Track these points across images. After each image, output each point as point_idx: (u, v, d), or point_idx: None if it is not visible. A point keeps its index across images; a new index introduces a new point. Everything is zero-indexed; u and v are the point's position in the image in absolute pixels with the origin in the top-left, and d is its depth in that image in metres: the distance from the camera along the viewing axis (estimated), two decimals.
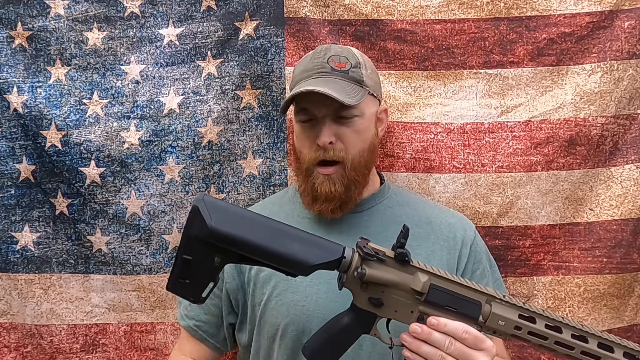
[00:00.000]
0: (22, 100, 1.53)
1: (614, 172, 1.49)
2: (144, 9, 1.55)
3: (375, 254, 0.97)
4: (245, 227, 0.95)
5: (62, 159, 1.53)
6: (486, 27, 1.50)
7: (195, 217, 0.95)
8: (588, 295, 1.50)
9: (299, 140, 1.28)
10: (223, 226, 0.94)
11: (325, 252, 0.98)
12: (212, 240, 0.94)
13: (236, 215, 0.97)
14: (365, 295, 0.99)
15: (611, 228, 1.49)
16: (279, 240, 0.96)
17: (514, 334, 0.98)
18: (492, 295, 0.99)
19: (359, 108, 1.22)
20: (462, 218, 1.35)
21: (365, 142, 1.24)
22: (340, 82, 1.21)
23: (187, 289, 0.98)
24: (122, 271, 1.56)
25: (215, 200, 0.99)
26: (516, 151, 1.49)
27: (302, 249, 0.96)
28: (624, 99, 1.47)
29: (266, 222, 0.99)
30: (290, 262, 0.96)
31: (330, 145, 1.20)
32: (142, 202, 1.55)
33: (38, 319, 1.58)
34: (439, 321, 0.96)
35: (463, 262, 1.27)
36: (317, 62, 1.24)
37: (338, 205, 1.23)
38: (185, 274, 0.97)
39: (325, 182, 1.21)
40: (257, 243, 0.95)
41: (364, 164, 1.25)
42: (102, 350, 1.60)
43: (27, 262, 1.57)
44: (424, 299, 0.98)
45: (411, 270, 0.99)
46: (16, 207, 1.56)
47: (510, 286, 1.52)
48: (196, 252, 0.96)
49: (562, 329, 0.98)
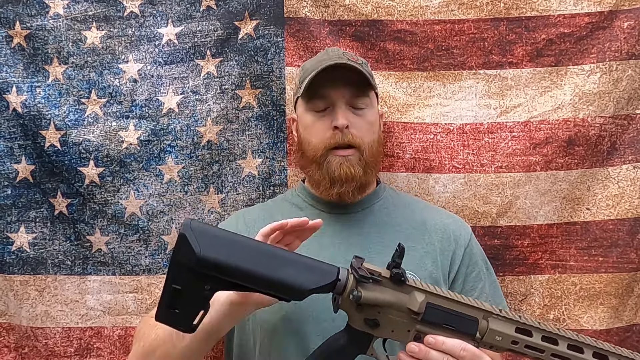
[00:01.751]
0: (21, 100, 1.52)
1: (612, 172, 1.50)
2: (143, 9, 1.55)
3: (371, 276, 0.96)
4: (235, 253, 0.92)
5: (61, 158, 1.51)
6: (485, 27, 1.51)
7: (183, 245, 0.91)
8: (584, 293, 1.51)
9: (309, 131, 1.28)
10: (212, 253, 0.91)
11: (319, 276, 0.96)
12: (202, 269, 0.91)
13: (225, 240, 0.94)
14: (361, 316, 0.97)
15: (607, 228, 1.50)
16: (271, 265, 0.94)
17: (510, 348, 0.99)
18: (488, 311, 0.99)
19: (370, 99, 1.27)
20: (458, 220, 1.36)
21: (375, 134, 1.29)
22: (358, 70, 1.25)
23: (178, 318, 0.95)
24: (121, 271, 1.55)
25: (203, 225, 0.96)
26: (515, 151, 1.50)
27: (295, 273, 0.94)
28: (622, 100, 1.48)
29: (257, 247, 0.97)
30: (284, 288, 0.94)
31: (347, 130, 1.22)
32: (141, 202, 1.54)
33: (33, 321, 1.56)
34: (436, 339, 0.96)
35: (456, 264, 1.27)
36: (333, 54, 1.29)
37: (357, 187, 1.24)
38: (175, 303, 0.93)
39: (344, 164, 1.23)
40: (248, 270, 0.92)
41: (376, 154, 1.28)
42: (96, 354, 1.57)
43: (23, 264, 1.55)
44: (421, 318, 0.97)
45: (407, 289, 0.98)
46: (12, 207, 1.54)
47: (508, 285, 1.53)
48: (185, 281, 0.92)
49: (558, 340, 0.99)
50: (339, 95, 1.24)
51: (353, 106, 1.25)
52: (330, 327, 1.04)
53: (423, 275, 1.21)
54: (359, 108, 1.25)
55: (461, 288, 1.26)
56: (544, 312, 1.51)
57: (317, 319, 1.16)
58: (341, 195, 1.24)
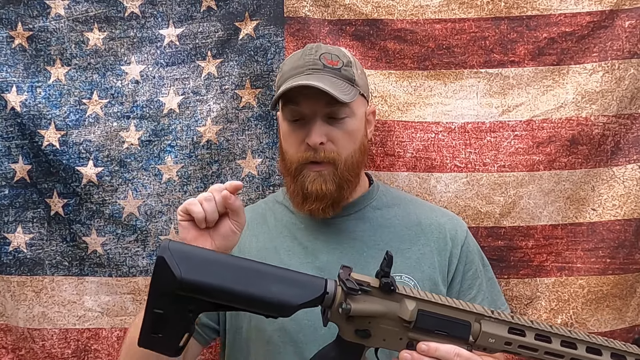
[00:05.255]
0: (21, 100, 1.52)
1: (616, 171, 1.48)
2: (144, 9, 1.55)
3: (359, 287, 0.94)
4: (217, 273, 0.90)
5: (58, 158, 1.51)
6: (487, 26, 1.50)
7: (162, 268, 0.88)
8: (592, 296, 1.47)
9: (285, 140, 1.23)
10: (193, 275, 0.88)
11: (306, 290, 0.93)
12: (183, 292, 0.89)
13: (206, 261, 0.91)
14: (352, 327, 0.96)
15: (614, 228, 1.47)
16: (255, 283, 0.91)
17: (504, 349, 0.98)
18: (480, 314, 0.98)
19: (351, 108, 1.19)
20: (453, 217, 1.33)
21: (356, 143, 1.21)
22: (333, 80, 1.17)
23: (162, 343, 0.92)
24: (118, 273, 1.53)
25: (182, 246, 0.93)
26: (518, 150, 1.48)
27: (281, 289, 0.92)
28: (625, 99, 1.47)
29: (239, 264, 0.94)
30: (270, 305, 0.92)
31: (321, 146, 1.16)
32: (139, 202, 1.52)
33: (30, 323, 1.54)
34: (429, 346, 0.94)
35: (454, 263, 1.24)
36: (309, 59, 1.20)
37: (329, 204, 1.18)
38: (158, 328, 0.91)
39: (317, 180, 1.17)
40: (231, 289, 0.90)
41: (355, 165, 1.21)
42: (94, 356, 1.56)
43: (20, 264, 1.54)
44: (413, 326, 0.95)
45: (397, 297, 0.96)
46: (9, 207, 1.54)
47: (513, 288, 1.50)
48: (167, 305, 0.90)
49: (551, 338, 0.98)
50: (314, 109, 1.16)
51: (332, 116, 1.17)
52: (327, 334, 1.02)
53: (420, 277, 1.19)
54: (339, 118, 1.18)
55: (459, 287, 1.24)
56: (551, 317, 1.48)
57: (313, 327, 1.14)
58: (312, 212, 1.19)
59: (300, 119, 1.19)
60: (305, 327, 1.15)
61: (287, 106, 1.20)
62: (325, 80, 1.15)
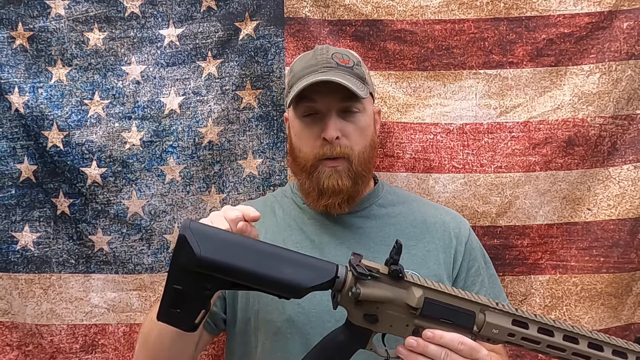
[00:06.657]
0: (24, 101, 1.53)
1: (612, 172, 1.50)
2: (144, 9, 1.55)
3: (369, 272, 0.97)
4: (234, 253, 0.94)
5: (63, 159, 1.53)
6: (486, 27, 1.51)
7: (183, 246, 0.93)
8: (585, 294, 1.51)
9: (299, 138, 1.26)
10: (212, 254, 0.92)
11: (318, 274, 0.97)
12: (202, 269, 0.93)
13: (225, 241, 0.95)
14: (360, 312, 0.99)
15: (609, 228, 1.50)
16: (270, 264, 0.95)
17: (507, 341, 1.00)
18: (485, 305, 1.00)
19: (363, 104, 1.23)
20: (457, 216, 1.36)
21: (367, 139, 1.25)
22: (347, 77, 1.21)
23: (179, 318, 0.97)
24: (124, 270, 1.56)
25: (202, 226, 0.96)
26: (515, 151, 1.50)
27: (294, 271, 0.95)
28: (622, 100, 1.48)
29: (256, 246, 0.98)
30: (283, 286, 0.95)
31: (337, 141, 1.20)
32: (143, 202, 1.55)
33: (38, 319, 1.58)
34: (434, 334, 0.97)
35: (459, 261, 1.27)
36: (322, 58, 1.24)
37: (345, 200, 1.22)
38: (176, 303, 0.95)
39: (333, 176, 1.20)
40: (248, 269, 0.94)
41: (367, 160, 1.25)
42: (101, 350, 1.60)
43: (27, 262, 1.57)
44: (419, 313, 0.98)
45: (405, 285, 0.99)
46: (16, 207, 1.56)
47: (508, 285, 1.53)
48: (186, 282, 0.94)
49: (553, 332, 1.00)
50: (329, 104, 1.21)
51: (345, 111, 1.22)
52: (335, 326, 1.05)
53: (426, 273, 1.21)
54: (352, 112, 1.22)
55: (463, 283, 1.27)
56: (545, 313, 1.52)
57: (320, 319, 1.17)
58: (328, 207, 1.22)
59: (312, 115, 1.23)
60: (313, 319, 1.18)
61: (301, 103, 1.23)
62: (341, 76, 1.20)
